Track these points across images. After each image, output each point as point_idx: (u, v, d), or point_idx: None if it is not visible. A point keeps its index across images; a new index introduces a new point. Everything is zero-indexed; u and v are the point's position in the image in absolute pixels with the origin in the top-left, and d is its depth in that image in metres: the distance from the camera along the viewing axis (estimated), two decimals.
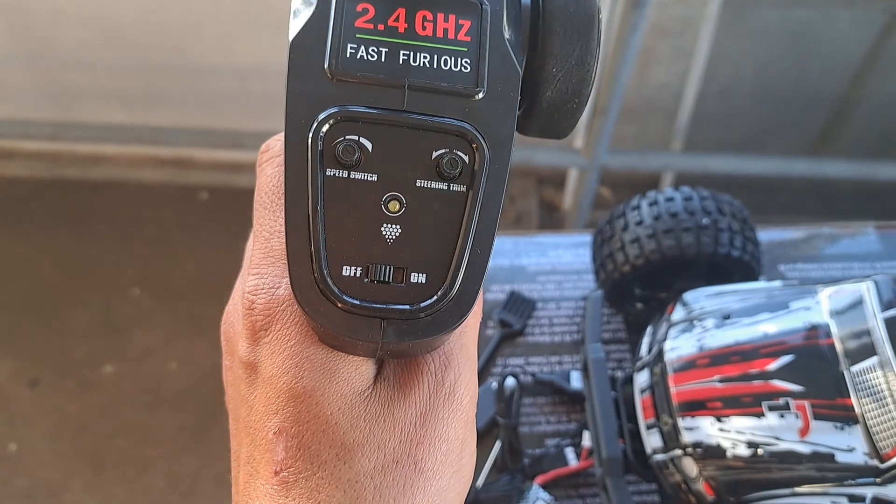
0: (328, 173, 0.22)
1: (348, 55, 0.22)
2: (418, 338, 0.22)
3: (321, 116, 0.22)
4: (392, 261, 0.22)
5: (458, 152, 0.22)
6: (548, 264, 0.66)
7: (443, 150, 0.22)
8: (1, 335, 1.45)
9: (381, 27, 0.23)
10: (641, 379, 0.51)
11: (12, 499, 1.29)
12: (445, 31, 0.23)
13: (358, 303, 0.22)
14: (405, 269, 0.22)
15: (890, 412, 0.44)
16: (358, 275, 0.22)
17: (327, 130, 0.22)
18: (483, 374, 0.60)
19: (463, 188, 0.22)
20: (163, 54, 1.49)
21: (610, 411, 0.50)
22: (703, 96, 1.45)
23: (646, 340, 0.54)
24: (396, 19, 0.23)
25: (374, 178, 0.22)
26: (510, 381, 0.59)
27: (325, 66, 0.22)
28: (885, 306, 0.47)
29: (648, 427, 0.50)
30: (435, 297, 0.22)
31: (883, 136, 1.51)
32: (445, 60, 0.23)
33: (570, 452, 0.56)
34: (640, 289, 0.61)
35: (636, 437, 0.51)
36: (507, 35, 0.23)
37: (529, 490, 0.48)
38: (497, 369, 0.61)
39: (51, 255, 1.55)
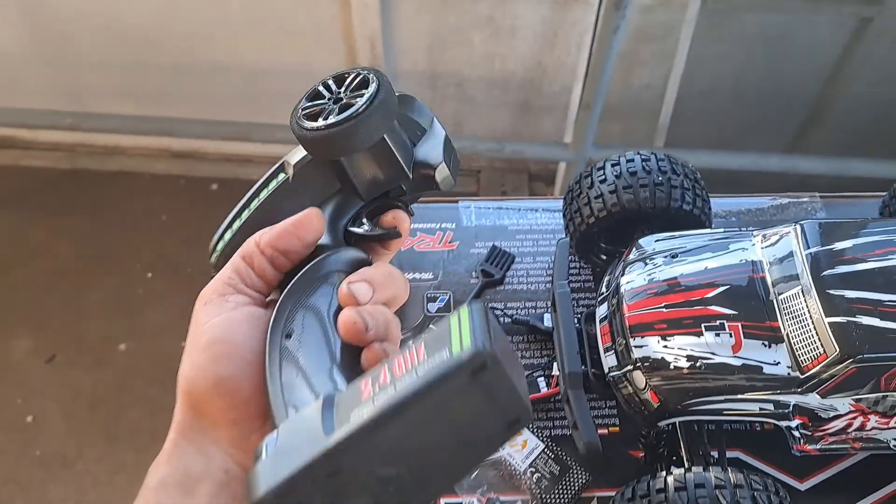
0: None
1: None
2: None
3: None
4: None
5: None
6: (526, 225, 0.75)
7: None
8: (21, 314, 1.52)
9: None
10: (601, 310, 0.59)
11: (28, 467, 1.35)
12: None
13: None
14: None
15: (809, 331, 0.52)
16: None
17: None
18: None
19: None
20: (174, 54, 1.55)
21: (573, 334, 0.58)
22: (684, 97, 1.51)
23: (606, 279, 0.61)
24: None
25: None
26: None
27: None
28: (809, 245, 0.54)
29: (606, 350, 0.57)
30: None
31: (855, 134, 1.57)
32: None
33: (541, 381, 0.64)
34: (605, 242, 0.69)
35: (597, 364, 0.59)
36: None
37: None
38: None
39: (69, 241, 1.62)
